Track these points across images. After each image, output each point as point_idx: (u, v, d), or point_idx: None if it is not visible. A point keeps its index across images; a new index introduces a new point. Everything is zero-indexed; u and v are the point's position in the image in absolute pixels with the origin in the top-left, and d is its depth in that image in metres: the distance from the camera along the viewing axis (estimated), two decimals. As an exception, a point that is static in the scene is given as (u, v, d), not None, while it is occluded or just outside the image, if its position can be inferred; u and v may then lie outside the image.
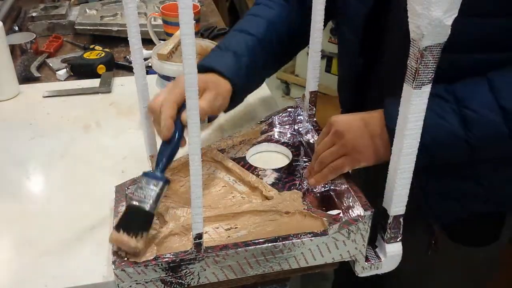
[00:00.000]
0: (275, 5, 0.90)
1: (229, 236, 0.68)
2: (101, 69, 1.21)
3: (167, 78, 0.95)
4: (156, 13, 1.37)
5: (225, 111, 0.83)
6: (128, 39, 0.67)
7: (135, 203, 0.62)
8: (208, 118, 1.00)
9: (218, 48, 0.85)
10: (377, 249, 0.68)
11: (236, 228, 0.69)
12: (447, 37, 0.50)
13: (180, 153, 0.82)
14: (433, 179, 0.76)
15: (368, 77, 0.84)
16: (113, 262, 0.60)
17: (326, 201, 0.74)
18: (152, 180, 0.64)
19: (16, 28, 1.47)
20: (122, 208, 0.69)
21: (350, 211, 0.69)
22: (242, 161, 0.83)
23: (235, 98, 0.81)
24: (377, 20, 0.78)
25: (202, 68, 0.79)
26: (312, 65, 0.79)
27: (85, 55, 1.25)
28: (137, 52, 0.68)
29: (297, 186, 0.77)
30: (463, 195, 0.77)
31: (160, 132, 0.70)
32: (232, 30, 0.89)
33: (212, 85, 0.76)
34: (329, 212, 0.71)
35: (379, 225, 0.66)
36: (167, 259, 0.60)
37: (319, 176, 0.73)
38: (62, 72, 1.22)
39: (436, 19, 0.48)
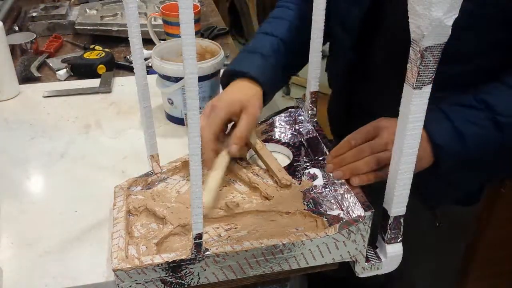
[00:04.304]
0: (294, 6, 0.95)
1: (229, 236, 0.68)
2: (101, 69, 1.21)
3: (167, 78, 0.95)
4: (156, 13, 1.37)
5: None
6: (129, 39, 0.67)
7: None
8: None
9: (245, 51, 0.89)
10: (377, 250, 0.68)
11: (236, 228, 0.69)
12: (447, 37, 0.50)
13: (181, 153, 0.82)
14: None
15: (359, 67, 0.88)
16: (113, 262, 0.60)
17: (326, 201, 0.74)
18: None
19: (16, 28, 1.47)
20: (122, 208, 0.69)
21: (350, 211, 0.69)
22: (242, 161, 0.82)
23: (265, 99, 0.85)
24: (371, 21, 0.81)
25: (234, 72, 0.85)
26: (312, 65, 0.79)
27: (85, 55, 1.25)
28: (137, 52, 0.68)
29: (297, 186, 0.77)
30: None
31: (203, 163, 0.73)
32: (256, 33, 0.94)
33: (250, 103, 0.79)
34: (329, 212, 0.71)
35: (380, 225, 0.66)
36: (167, 259, 0.60)
37: (362, 164, 0.68)
38: (62, 72, 1.22)
39: (437, 19, 0.48)
